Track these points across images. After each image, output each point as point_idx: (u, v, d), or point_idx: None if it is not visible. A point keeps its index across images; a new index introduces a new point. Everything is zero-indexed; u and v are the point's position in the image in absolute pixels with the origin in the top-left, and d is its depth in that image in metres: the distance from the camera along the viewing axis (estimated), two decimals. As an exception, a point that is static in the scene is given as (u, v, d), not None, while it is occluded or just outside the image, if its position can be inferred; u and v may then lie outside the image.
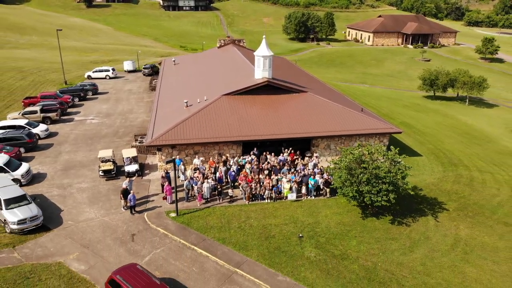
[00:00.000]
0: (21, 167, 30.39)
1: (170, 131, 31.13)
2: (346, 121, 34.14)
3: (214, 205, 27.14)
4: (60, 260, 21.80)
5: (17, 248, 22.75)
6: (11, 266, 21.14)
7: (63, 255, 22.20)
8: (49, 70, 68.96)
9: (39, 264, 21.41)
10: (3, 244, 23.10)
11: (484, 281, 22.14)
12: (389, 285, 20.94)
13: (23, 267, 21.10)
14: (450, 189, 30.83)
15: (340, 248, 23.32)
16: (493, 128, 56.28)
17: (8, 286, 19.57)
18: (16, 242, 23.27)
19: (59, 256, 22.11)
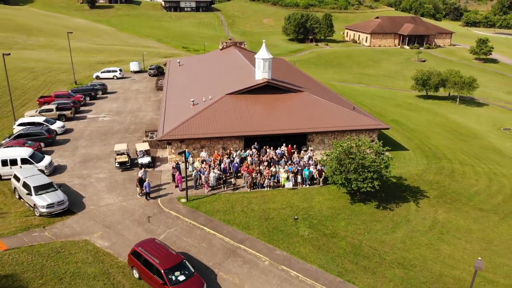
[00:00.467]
0: (44, 159, 33.65)
1: (179, 127, 34.38)
2: (339, 118, 37.40)
3: (220, 192, 30.41)
4: (86, 238, 25.06)
5: (47, 228, 25.99)
6: (44, 243, 24.37)
7: (88, 234, 25.45)
8: (59, 71, 72.18)
9: (68, 241, 24.66)
10: (34, 225, 26.35)
11: (457, 257, 25.40)
12: (372, 259, 24.21)
13: (54, 243, 24.33)
14: (432, 179, 34.10)
15: (330, 228, 26.59)
16: (481, 125, 59.53)
17: (43, 259, 22.78)
18: (46, 223, 26.51)
19: (85, 235, 25.36)
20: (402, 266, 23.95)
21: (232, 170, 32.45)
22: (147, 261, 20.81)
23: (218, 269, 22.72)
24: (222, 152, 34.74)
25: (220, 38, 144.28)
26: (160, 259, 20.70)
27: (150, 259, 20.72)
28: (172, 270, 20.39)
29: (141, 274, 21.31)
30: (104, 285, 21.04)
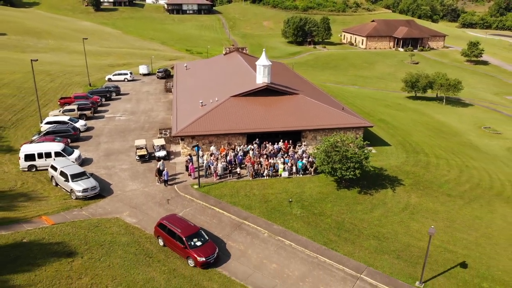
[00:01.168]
0: (74, 153, 39.01)
1: (191, 125, 39.74)
2: (329, 117, 42.75)
3: (226, 180, 35.78)
4: (117, 216, 30.42)
5: (84, 209, 31.35)
6: (83, 219, 29.71)
7: (118, 213, 30.80)
8: (73, 73, 77.45)
9: (102, 218, 30.00)
10: (73, 206, 31.71)
11: (423, 232, 30.71)
12: (352, 232, 29.58)
13: (91, 220, 29.66)
14: (409, 170, 39.47)
15: (318, 209, 31.95)
16: (463, 124, 64.88)
17: (85, 231, 28.10)
18: (82, 205, 31.86)
19: (116, 214, 30.71)
20: (377, 238, 29.32)
21: (237, 162, 37.80)
22: (171, 230, 26.17)
23: (226, 239, 28.10)
24: (227, 147, 40.11)
25: (222, 41, 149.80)
26: (181, 229, 26.08)
27: (173, 229, 26.09)
28: (191, 237, 25.77)
29: (165, 241, 26.67)
30: (136, 250, 26.41)
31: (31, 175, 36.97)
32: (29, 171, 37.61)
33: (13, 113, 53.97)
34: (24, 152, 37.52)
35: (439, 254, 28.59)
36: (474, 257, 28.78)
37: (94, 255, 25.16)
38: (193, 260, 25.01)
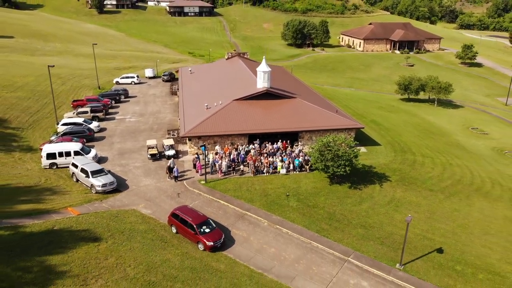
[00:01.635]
0: (91, 152, 42.84)
1: (197, 127, 43.56)
2: (324, 119, 46.58)
3: (230, 176, 39.62)
4: (133, 207, 34.24)
5: (103, 201, 35.16)
6: (104, 210, 33.52)
7: (135, 205, 34.63)
8: (82, 76, 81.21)
9: (120, 210, 33.81)
10: (94, 199, 35.52)
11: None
12: (341, 222, 33.42)
13: (111, 211, 33.47)
14: (395, 168, 43.30)
15: (312, 202, 35.79)
16: (452, 125, 68.69)
17: (107, 220, 31.87)
18: (102, 198, 35.68)
19: (132, 206, 34.54)
20: (364, 227, 33.16)
21: (239, 160, 41.62)
22: (183, 219, 30.01)
23: (231, 227, 31.95)
24: (231, 146, 43.93)
25: (223, 43, 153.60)
26: (192, 217, 29.92)
27: (185, 218, 29.92)
28: (200, 225, 29.61)
29: (178, 229, 30.51)
30: (153, 236, 30.25)
31: (52, 172, 40.80)
32: (50, 168, 41.43)
33: (29, 114, 57.78)
34: (46, 151, 41.36)
35: (418, 241, 32.42)
36: (450, 244, 32.62)
37: (117, 240, 28.99)
38: (203, 245, 28.86)
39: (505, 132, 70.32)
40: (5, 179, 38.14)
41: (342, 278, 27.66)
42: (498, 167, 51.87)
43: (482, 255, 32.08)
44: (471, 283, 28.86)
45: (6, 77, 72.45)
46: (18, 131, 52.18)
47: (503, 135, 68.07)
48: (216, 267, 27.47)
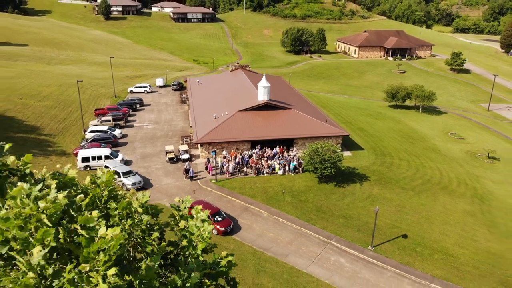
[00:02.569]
0: (119, 155, 50.89)
1: (208, 134, 51.59)
2: (315, 128, 54.61)
3: (236, 176, 47.67)
4: (159, 202, 42.22)
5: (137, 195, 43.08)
6: (134, 204, 41.47)
7: (159, 200, 42.64)
8: (98, 85, 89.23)
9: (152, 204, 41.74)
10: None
11: (379, 214, 42.47)
12: (327, 213, 41.47)
13: (140, 205, 41.42)
14: (375, 169, 51.33)
15: (304, 197, 43.84)
16: (432, 131, 76.62)
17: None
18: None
19: (157, 200, 42.53)
20: (344, 218, 41.18)
21: (243, 163, 49.66)
22: (200, 210, 38.01)
23: (238, 217, 40.02)
24: (236, 151, 51.96)
25: (225, 50, 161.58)
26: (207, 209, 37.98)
27: (202, 209, 37.93)
28: (214, 215, 37.66)
29: (196, 218, 38.52)
30: (176, 224, 38.27)
31: (87, 174, 48.80)
32: (84, 170, 49.47)
33: (58, 122, 65.86)
34: (82, 155, 49.45)
35: (388, 229, 40.46)
36: (413, 231, 40.68)
37: (149, 226, 37.00)
38: (216, 230, 36.92)
39: (481, 137, 78.19)
40: (51, 179, 46.14)
41: (324, 256, 35.71)
42: (468, 169, 59.87)
43: (439, 240, 40.11)
44: (428, 261, 36.91)
45: (31, 87, 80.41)
46: (51, 137, 60.25)
47: (478, 139, 75.93)
48: (227, 247, 35.49)
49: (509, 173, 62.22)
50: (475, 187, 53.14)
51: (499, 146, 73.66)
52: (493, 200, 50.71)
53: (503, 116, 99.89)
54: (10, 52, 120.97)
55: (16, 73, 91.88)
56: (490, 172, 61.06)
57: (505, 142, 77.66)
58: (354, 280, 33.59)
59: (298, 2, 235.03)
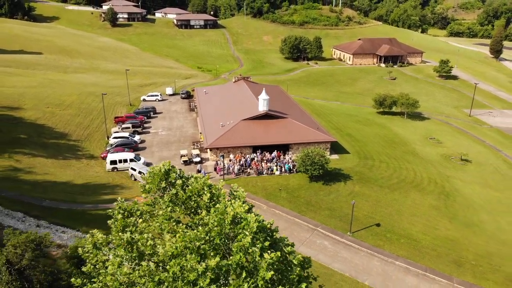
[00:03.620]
0: (141, 159, 60.08)
1: (216, 140, 60.82)
2: (308, 135, 63.84)
3: (240, 176, 56.93)
4: (177, 197, 51.38)
5: (156, 193, 52.25)
6: (157, 199, 50.64)
7: (177, 196, 51.77)
8: (114, 94, 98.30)
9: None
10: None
11: (359, 207, 51.65)
12: (315, 206, 50.73)
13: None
14: (358, 170, 60.58)
15: (297, 194, 53.10)
16: (414, 136, 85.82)
17: (161, 205, 49.03)
18: (154, 191, 52.81)
19: (176, 196, 51.70)
20: (330, 210, 50.42)
21: (246, 165, 58.88)
22: (212, 204, 47.32)
23: (242, 209, 49.21)
24: (240, 155, 61.20)
25: (227, 57, 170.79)
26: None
27: (214, 203, 47.23)
28: (224, 207, 46.86)
29: (209, 210, 47.85)
30: (193, 215, 47.58)
31: (114, 174, 58.10)
32: (112, 171, 58.68)
33: (83, 129, 75.12)
34: (110, 158, 58.66)
35: (364, 219, 49.70)
36: (385, 221, 49.92)
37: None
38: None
39: (458, 141, 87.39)
40: (86, 179, 55.48)
41: (312, 239, 44.97)
42: (440, 170, 69.12)
43: (406, 228, 49.39)
44: (395, 244, 46.17)
45: (55, 96, 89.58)
46: (79, 143, 69.55)
47: (455, 143, 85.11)
48: (234, 232, 44.66)
49: (478, 174, 71.56)
50: (444, 185, 62.40)
51: (474, 149, 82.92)
52: (458, 197, 60.01)
53: (483, 121, 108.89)
54: (27, 60, 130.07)
55: (38, 83, 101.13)
56: (460, 173, 70.33)
57: (479, 146, 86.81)
58: (335, 258, 42.85)
59: (297, 8, 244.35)
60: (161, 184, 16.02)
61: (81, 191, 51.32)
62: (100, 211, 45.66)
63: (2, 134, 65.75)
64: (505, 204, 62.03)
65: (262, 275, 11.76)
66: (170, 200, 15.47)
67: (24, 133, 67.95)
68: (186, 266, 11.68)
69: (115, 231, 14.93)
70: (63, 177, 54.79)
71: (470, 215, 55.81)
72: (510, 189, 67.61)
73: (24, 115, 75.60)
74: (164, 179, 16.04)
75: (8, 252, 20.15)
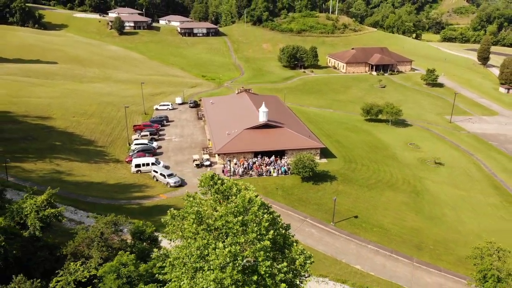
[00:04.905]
0: (161, 163, 71.52)
1: (223, 147, 72.30)
2: (300, 142, 75.37)
3: (243, 178, 68.40)
4: (192, 195, 62.81)
5: (177, 191, 63.76)
6: (178, 196, 62.08)
7: (193, 193, 63.20)
8: (129, 103, 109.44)
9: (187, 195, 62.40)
10: (170, 190, 64.14)
11: (342, 203, 63.15)
12: (305, 202, 62.29)
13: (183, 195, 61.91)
14: (342, 172, 72.11)
15: (290, 192, 64.65)
16: (395, 141, 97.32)
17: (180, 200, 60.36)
18: (174, 190, 64.28)
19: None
20: (317, 205, 61.94)
21: (249, 168, 70.35)
22: (222, 199, 58.82)
23: (246, 204, 60.78)
24: (243, 159, 72.68)
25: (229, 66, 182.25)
26: (227, 199, 58.76)
27: (223, 199, 58.74)
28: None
29: (219, 205, 59.34)
30: (206, 208, 59.08)
31: (139, 176, 69.51)
32: (137, 173, 70.07)
33: (106, 136, 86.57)
34: (135, 162, 70.09)
35: (345, 212, 61.23)
36: (362, 214, 61.44)
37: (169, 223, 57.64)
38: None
39: (435, 146, 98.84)
40: (116, 179, 66.97)
41: (301, 228, 56.49)
42: (415, 172, 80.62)
43: (379, 220, 60.93)
44: (369, 232, 57.69)
45: (77, 106, 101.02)
46: (104, 148, 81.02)
47: (432, 148, 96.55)
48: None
49: (448, 175, 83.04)
50: (416, 185, 73.98)
51: (448, 153, 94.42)
52: (426, 195, 71.57)
53: (462, 128, 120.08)
54: (45, 70, 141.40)
55: (59, 93, 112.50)
56: (433, 175, 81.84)
57: (454, 151, 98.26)
58: (319, 242, 54.35)
59: (295, 16, 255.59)
60: (210, 182, 27.01)
61: (114, 189, 62.87)
62: (133, 205, 57.17)
63: (39, 142, 77.28)
64: (468, 201, 73.56)
65: (264, 224, 23.14)
66: (215, 191, 26.56)
67: (58, 140, 79.46)
68: (228, 221, 23.08)
69: (188, 206, 26.20)
70: (98, 178, 66.28)
71: (434, 210, 67.37)
72: (474, 189, 79.13)
73: (55, 124, 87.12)
74: (210, 180, 27.02)
75: (101, 227, 31.63)
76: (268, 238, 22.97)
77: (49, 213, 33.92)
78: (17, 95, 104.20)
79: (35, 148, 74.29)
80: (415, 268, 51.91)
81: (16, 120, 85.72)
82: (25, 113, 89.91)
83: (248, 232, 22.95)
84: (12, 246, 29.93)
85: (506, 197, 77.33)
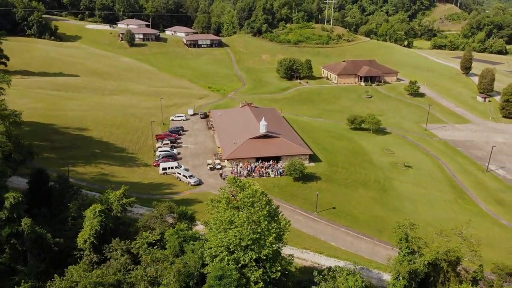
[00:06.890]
0: (182, 166, 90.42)
1: (231, 154, 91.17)
2: (293, 149, 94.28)
3: (248, 178, 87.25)
4: (210, 191, 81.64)
5: (196, 189, 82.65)
6: (198, 192, 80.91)
7: (210, 190, 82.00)
8: (148, 115, 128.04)
9: (206, 192, 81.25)
10: (190, 188, 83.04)
11: (325, 198, 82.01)
12: (296, 197, 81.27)
13: (204, 193, 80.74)
14: (327, 174, 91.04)
15: (285, 189, 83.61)
16: (374, 147, 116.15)
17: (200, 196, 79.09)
18: (194, 188, 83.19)
19: (209, 190, 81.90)
20: (305, 199, 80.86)
21: (252, 170, 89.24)
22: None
23: (250, 198, 79.86)
24: (247, 163, 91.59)
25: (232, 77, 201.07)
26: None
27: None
28: (239, 197, 77.39)
29: (230, 199, 78.30)
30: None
31: (166, 177, 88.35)
32: (164, 175, 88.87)
33: (134, 144, 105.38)
34: (162, 166, 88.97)
35: (326, 204, 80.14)
36: (339, 206, 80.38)
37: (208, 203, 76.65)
38: (240, 204, 76.59)
39: (408, 151, 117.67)
40: (149, 180, 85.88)
41: (292, 216, 75.25)
42: (386, 173, 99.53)
43: (351, 210, 79.88)
44: (342, 219, 76.64)
45: (106, 117, 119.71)
46: (134, 155, 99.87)
47: (405, 154, 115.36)
48: (246, 212, 75.10)
49: (414, 176, 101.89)
50: (384, 184, 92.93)
51: (417, 158, 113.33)
52: (392, 192, 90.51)
53: (435, 135, 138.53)
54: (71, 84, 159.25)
55: (88, 106, 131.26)
56: (401, 176, 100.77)
57: (423, 155, 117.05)
58: (305, 226, 73.22)
59: (292, 27, 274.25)
60: (233, 180, 45.78)
61: (149, 187, 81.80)
62: (166, 199, 75.82)
63: (83, 150, 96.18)
64: (426, 197, 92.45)
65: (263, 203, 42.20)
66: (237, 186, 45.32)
67: (97, 148, 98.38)
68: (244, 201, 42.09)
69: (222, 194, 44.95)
70: (135, 179, 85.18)
71: (397, 203, 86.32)
72: (434, 187, 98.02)
73: (92, 134, 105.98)
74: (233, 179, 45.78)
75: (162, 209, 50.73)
76: (266, 210, 41.87)
77: (126, 202, 52.78)
78: (53, 108, 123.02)
79: (81, 155, 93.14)
80: (375, 245, 70.82)
81: (60, 132, 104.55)
82: (66, 125, 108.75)
83: (255, 207, 41.82)
84: (108, 220, 48.82)
85: (460, 194, 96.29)
